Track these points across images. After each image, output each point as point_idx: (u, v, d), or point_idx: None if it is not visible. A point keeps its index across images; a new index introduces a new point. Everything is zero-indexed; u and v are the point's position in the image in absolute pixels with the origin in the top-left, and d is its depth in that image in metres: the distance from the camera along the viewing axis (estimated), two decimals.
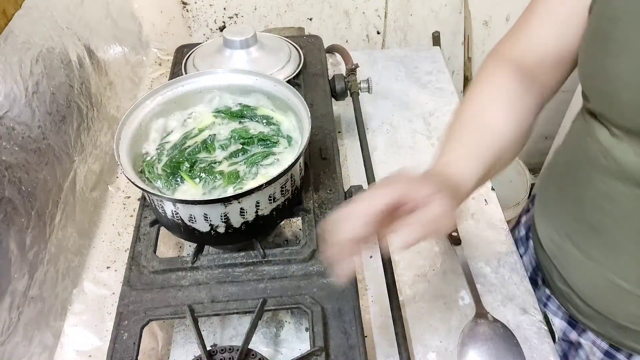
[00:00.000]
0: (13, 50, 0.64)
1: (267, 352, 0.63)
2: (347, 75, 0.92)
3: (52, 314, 0.66)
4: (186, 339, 0.66)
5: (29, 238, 0.62)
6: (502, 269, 0.73)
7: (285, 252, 0.63)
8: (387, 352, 0.64)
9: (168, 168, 0.63)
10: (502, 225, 0.79)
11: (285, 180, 0.60)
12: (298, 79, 0.86)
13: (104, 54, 0.91)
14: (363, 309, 0.67)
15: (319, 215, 0.67)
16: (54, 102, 0.71)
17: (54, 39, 0.74)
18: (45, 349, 0.64)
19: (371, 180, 0.74)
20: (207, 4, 1.29)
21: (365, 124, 0.92)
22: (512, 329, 0.66)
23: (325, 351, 0.55)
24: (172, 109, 0.70)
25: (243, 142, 0.66)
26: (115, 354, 0.56)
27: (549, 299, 0.74)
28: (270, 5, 1.31)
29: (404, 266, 0.74)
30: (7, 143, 0.60)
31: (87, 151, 0.80)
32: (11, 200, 0.59)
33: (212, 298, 0.60)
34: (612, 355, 0.67)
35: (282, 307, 0.59)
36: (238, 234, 0.61)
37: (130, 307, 0.59)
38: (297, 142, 0.66)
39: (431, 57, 1.14)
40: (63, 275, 0.70)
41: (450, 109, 0.99)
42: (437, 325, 0.67)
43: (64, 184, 0.72)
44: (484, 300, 0.69)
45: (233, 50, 0.82)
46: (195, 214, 0.58)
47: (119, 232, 0.80)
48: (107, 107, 0.89)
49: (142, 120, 0.66)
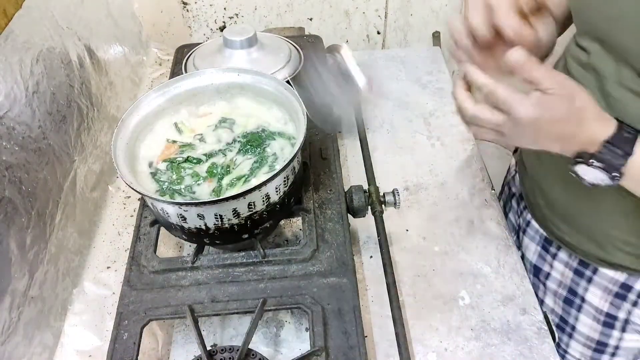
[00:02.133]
0: (13, 50, 0.64)
1: (267, 352, 0.63)
2: None
3: (52, 313, 0.67)
4: (186, 339, 0.66)
5: (29, 238, 0.62)
6: (502, 269, 0.73)
7: (285, 252, 0.63)
8: (387, 352, 0.64)
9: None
10: (503, 225, 0.79)
11: (283, 178, 0.60)
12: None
13: (104, 54, 0.91)
14: (363, 309, 0.67)
15: (319, 215, 0.67)
16: (54, 102, 0.71)
17: (54, 38, 0.75)
18: (46, 348, 0.64)
19: (371, 180, 0.74)
20: (207, 4, 1.29)
21: (366, 124, 0.92)
22: (512, 329, 0.66)
23: (325, 351, 0.55)
24: (171, 109, 0.70)
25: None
26: (116, 353, 0.56)
27: (528, 225, 0.80)
28: (271, 5, 1.31)
29: (404, 266, 0.74)
30: (7, 143, 0.60)
31: (87, 151, 0.80)
32: (11, 200, 0.59)
33: (212, 298, 0.60)
34: (581, 272, 0.73)
35: (282, 307, 0.59)
36: (238, 232, 0.61)
37: (130, 307, 0.59)
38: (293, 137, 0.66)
39: (431, 57, 1.14)
40: (63, 275, 0.70)
41: (451, 109, 0.99)
42: (437, 325, 0.67)
43: (64, 183, 0.72)
44: (484, 300, 0.69)
45: (233, 50, 0.82)
46: (193, 215, 0.58)
47: (119, 232, 0.80)
48: (107, 107, 0.89)
49: (140, 122, 0.66)
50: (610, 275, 0.70)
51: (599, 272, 0.71)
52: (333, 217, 0.67)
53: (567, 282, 0.75)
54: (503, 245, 0.76)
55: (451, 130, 0.95)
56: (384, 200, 0.69)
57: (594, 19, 0.58)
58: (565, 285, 0.76)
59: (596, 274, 0.71)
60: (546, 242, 0.78)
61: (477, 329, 0.66)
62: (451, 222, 0.80)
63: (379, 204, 0.69)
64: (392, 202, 0.69)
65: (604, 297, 0.71)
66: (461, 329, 0.67)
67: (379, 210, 0.69)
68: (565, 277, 0.76)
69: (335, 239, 0.65)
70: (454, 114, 0.93)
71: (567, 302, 0.76)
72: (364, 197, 0.69)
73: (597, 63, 0.59)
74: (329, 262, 0.62)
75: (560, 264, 0.76)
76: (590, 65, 0.60)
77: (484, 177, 0.87)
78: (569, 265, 0.74)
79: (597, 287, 0.71)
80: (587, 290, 0.73)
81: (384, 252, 0.65)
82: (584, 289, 0.73)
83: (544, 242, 0.78)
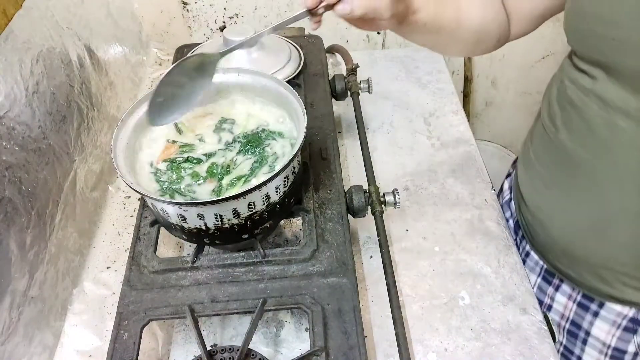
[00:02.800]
0: (13, 50, 0.64)
1: (267, 352, 0.63)
2: (347, 75, 0.92)
3: (52, 313, 0.67)
4: (186, 339, 0.66)
5: (29, 238, 0.62)
6: (502, 269, 0.73)
7: (285, 252, 0.63)
8: (387, 352, 0.64)
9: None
10: (503, 225, 0.79)
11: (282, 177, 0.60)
12: (298, 79, 0.86)
13: (104, 54, 0.91)
14: (363, 309, 0.67)
15: (319, 215, 0.67)
16: (54, 102, 0.71)
17: (54, 38, 0.75)
18: (46, 348, 0.64)
19: (371, 180, 0.74)
20: (207, 4, 1.29)
21: (366, 124, 0.92)
22: (512, 329, 0.66)
23: (325, 351, 0.55)
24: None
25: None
26: (116, 353, 0.56)
27: (528, 256, 0.77)
28: (271, 5, 1.31)
29: (404, 266, 0.74)
30: (7, 143, 0.60)
31: (87, 151, 0.80)
32: (11, 200, 0.59)
33: (212, 298, 0.60)
34: (586, 306, 0.69)
35: (282, 307, 0.59)
36: (238, 232, 0.61)
37: (130, 307, 0.59)
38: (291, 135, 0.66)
39: (431, 57, 1.14)
40: (63, 275, 0.70)
41: (451, 109, 0.99)
42: (437, 325, 0.67)
43: (64, 183, 0.72)
44: (484, 300, 0.69)
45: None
46: (192, 215, 0.58)
47: (119, 232, 0.80)
48: (107, 107, 0.89)
49: (140, 122, 0.66)
50: (618, 310, 0.66)
51: (606, 307, 0.67)
52: (333, 217, 0.67)
53: (571, 315, 0.72)
54: (503, 245, 0.76)
55: (451, 130, 0.95)
56: (384, 200, 0.69)
57: (598, 44, 0.55)
58: (568, 318, 0.72)
59: (602, 308, 0.68)
60: (547, 274, 0.74)
61: (477, 329, 0.66)
62: (451, 222, 0.80)
63: (379, 204, 0.69)
64: (392, 202, 0.69)
65: (611, 332, 0.68)
66: (461, 329, 0.67)
67: (379, 210, 0.69)
68: (568, 309, 0.72)
69: (335, 239, 0.65)
70: (454, 114, 0.93)
71: (571, 334, 0.73)
72: (364, 197, 0.69)
73: (602, 90, 0.56)
74: (329, 262, 0.62)
75: (563, 296, 0.72)
76: (593, 92, 0.57)
77: (484, 177, 0.87)
78: (572, 298, 0.71)
79: (604, 321, 0.68)
80: (593, 324, 0.69)
81: (384, 252, 0.65)
82: (589, 323, 0.69)
83: (544, 274, 0.75)
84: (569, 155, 0.63)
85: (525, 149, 0.76)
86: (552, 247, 0.71)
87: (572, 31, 0.59)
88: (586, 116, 0.59)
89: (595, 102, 0.57)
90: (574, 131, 0.62)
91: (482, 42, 0.70)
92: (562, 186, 0.65)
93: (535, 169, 0.71)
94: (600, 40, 0.54)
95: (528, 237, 0.77)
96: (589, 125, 0.59)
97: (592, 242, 0.65)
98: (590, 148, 0.60)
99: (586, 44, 0.58)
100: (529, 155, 0.73)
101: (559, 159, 0.65)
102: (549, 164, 0.68)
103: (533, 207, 0.73)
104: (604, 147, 0.58)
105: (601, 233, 0.63)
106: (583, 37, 0.58)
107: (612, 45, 0.53)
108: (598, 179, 0.60)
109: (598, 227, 0.62)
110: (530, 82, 1.53)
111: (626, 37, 0.51)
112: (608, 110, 0.56)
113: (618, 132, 0.56)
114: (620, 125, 0.55)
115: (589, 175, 0.61)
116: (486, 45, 0.71)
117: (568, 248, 0.68)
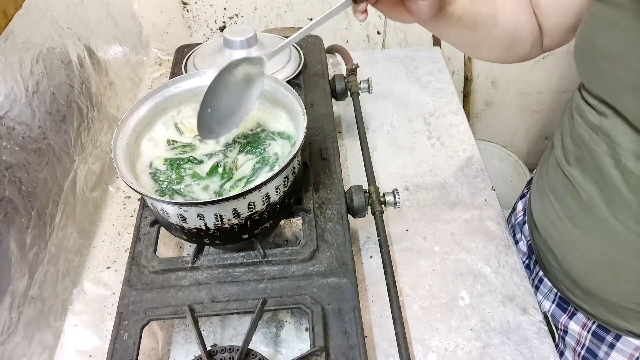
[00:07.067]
0: (13, 50, 0.64)
1: (267, 352, 0.63)
2: (347, 75, 0.92)
3: (52, 313, 0.67)
4: (186, 339, 0.66)
5: (29, 238, 0.62)
6: (502, 269, 0.73)
7: (285, 252, 0.63)
8: (387, 352, 0.64)
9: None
10: (503, 225, 0.79)
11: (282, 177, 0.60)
12: (298, 79, 0.86)
13: (104, 54, 0.91)
14: (363, 309, 0.67)
15: (319, 215, 0.67)
16: (54, 102, 0.71)
17: (54, 38, 0.75)
18: (46, 348, 0.64)
19: (371, 180, 0.74)
20: (207, 4, 1.30)
21: (366, 124, 0.92)
22: (512, 329, 0.66)
23: (325, 351, 0.55)
24: (171, 109, 0.70)
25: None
26: (115, 353, 0.56)
27: (541, 282, 0.75)
28: (271, 5, 1.31)
29: (404, 266, 0.74)
30: (7, 143, 0.60)
31: (87, 151, 0.80)
32: (11, 200, 0.59)
33: (212, 298, 0.60)
34: (601, 337, 0.67)
35: (282, 307, 0.59)
36: (238, 232, 0.61)
37: (130, 307, 0.59)
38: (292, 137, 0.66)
39: (431, 57, 1.14)
40: (63, 275, 0.70)
41: (451, 109, 0.99)
42: (437, 325, 0.67)
43: (64, 183, 0.72)
44: (484, 300, 0.69)
45: (233, 50, 0.82)
46: (192, 215, 0.58)
47: (119, 232, 0.80)
48: (107, 107, 0.89)
49: (140, 122, 0.66)
50: (636, 344, 0.64)
51: (623, 339, 0.65)
52: (333, 217, 0.67)
53: (586, 343, 0.69)
54: (503, 245, 0.76)
55: (451, 130, 0.95)
56: (384, 200, 0.69)
57: (606, 85, 0.53)
58: (584, 345, 0.70)
59: (619, 340, 0.66)
60: (562, 301, 0.72)
61: (477, 329, 0.66)
62: (451, 222, 0.80)
63: (379, 204, 0.69)
64: (392, 202, 0.69)
65: None
66: (461, 329, 0.67)
67: (379, 210, 0.69)
68: (582, 337, 0.70)
69: (335, 239, 0.65)
70: (454, 114, 0.93)
71: None
72: (364, 197, 0.69)
73: (611, 129, 0.53)
74: (329, 262, 0.62)
75: (577, 325, 0.70)
76: (601, 129, 0.55)
77: (484, 177, 0.87)
78: (586, 327, 0.69)
79: (621, 354, 0.66)
80: (609, 355, 0.67)
81: (384, 252, 0.65)
82: (605, 354, 0.67)
83: (559, 301, 0.72)
84: (581, 191, 0.60)
85: (539, 178, 0.73)
86: (565, 279, 0.69)
87: (580, 63, 0.57)
88: (595, 155, 0.57)
89: (604, 140, 0.55)
90: (585, 169, 0.60)
91: (514, 46, 0.68)
92: (574, 221, 0.63)
93: (549, 199, 0.68)
94: (608, 79, 0.52)
95: (541, 264, 0.75)
96: (598, 165, 0.56)
97: (605, 279, 0.62)
98: (601, 187, 0.57)
99: (593, 79, 0.55)
100: (542, 185, 0.71)
101: (572, 194, 0.63)
102: (563, 197, 0.65)
103: (546, 237, 0.70)
104: (614, 188, 0.55)
105: (614, 271, 0.60)
106: (589, 71, 0.56)
107: (618, 86, 0.51)
108: (609, 218, 0.57)
109: (611, 265, 0.60)
110: (530, 82, 1.53)
111: (633, 80, 0.49)
112: (616, 150, 0.53)
113: (627, 173, 0.53)
114: (629, 167, 0.52)
115: (600, 214, 0.58)
116: (518, 51, 0.69)
117: (581, 282, 0.66)
